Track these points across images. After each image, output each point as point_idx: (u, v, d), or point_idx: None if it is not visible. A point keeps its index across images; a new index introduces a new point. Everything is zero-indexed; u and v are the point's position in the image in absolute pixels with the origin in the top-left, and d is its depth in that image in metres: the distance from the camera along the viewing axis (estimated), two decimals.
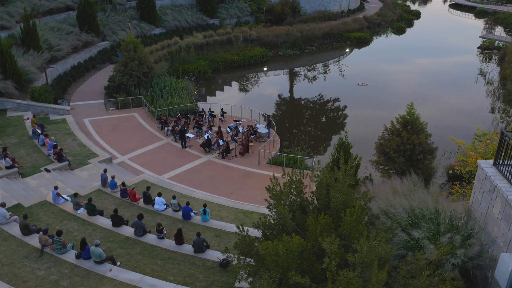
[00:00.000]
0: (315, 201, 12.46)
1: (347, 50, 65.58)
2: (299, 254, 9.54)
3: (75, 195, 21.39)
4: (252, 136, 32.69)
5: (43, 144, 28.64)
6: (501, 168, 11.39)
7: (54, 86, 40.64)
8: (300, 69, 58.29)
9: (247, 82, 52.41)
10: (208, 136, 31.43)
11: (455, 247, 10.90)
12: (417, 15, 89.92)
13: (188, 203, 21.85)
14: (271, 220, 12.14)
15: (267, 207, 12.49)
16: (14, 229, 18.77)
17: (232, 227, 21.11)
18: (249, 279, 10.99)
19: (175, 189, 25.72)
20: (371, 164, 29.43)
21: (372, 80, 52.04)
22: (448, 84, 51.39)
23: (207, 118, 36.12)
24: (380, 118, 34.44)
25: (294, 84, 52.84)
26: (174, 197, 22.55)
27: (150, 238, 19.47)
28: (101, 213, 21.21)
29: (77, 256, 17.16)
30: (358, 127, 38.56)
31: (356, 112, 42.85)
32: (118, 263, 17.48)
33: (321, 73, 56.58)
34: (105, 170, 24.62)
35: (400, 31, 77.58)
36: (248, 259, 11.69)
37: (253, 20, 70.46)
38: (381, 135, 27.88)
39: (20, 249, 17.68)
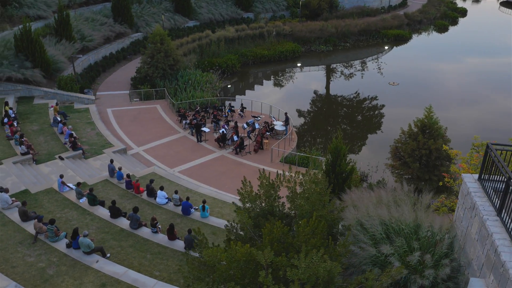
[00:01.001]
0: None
1: (386, 47, 63.47)
2: (244, 264, 9.09)
3: (78, 184, 21.77)
4: (268, 133, 32.20)
5: (62, 132, 29.40)
6: (485, 184, 10.43)
7: (83, 75, 41.70)
8: (336, 65, 57.09)
9: (281, 77, 51.91)
10: (223, 131, 31.24)
11: (427, 266, 10.09)
12: (463, 12, 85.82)
13: (188, 198, 21.75)
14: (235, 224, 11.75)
15: (235, 210, 12.08)
16: (15, 215, 19.31)
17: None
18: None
19: (182, 183, 25.70)
20: (387, 167, 28.34)
21: (406, 79, 50.14)
22: (495, 85, 48.77)
23: (226, 113, 35.94)
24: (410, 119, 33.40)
25: (331, 80, 51.79)
26: (176, 192, 22.51)
27: (145, 232, 19.51)
28: (102, 203, 21.46)
29: (68, 245, 17.42)
30: (393, 125, 37.03)
31: (390, 111, 41.52)
32: (108, 255, 17.60)
33: (358, 70, 55.13)
34: (111, 161, 24.94)
35: (442, 29, 74.28)
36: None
37: (288, 15, 69.59)
38: (398, 138, 26.73)
39: (16, 234, 18.15)
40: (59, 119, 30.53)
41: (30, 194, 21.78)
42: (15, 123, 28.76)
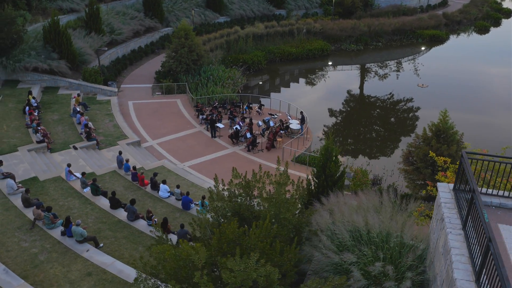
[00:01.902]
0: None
1: (423, 48, 61.45)
2: (184, 263, 8.90)
3: (83, 174, 22.25)
4: (282, 132, 31.84)
5: (79, 123, 30.16)
6: (458, 194, 9.79)
7: (109, 68, 42.65)
8: (370, 65, 55.98)
9: (312, 76, 51.36)
10: (236, 128, 31.16)
11: (388, 278, 9.57)
12: (507, 13, 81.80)
13: (188, 193, 21.80)
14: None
15: (201, 208, 11.94)
16: (18, 201, 19.94)
17: None
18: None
19: (189, 177, 25.83)
20: (400, 172, 27.40)
21: (438, 81, 48.36)
22: None
23: (244, 110, 35.84)
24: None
25: (365, 81, 50.84)
26: (178, 186, 22.64)
27: (141, 224, 19.71)
28: (104, 194, 21.85)
29: (62, 233, 17.83)
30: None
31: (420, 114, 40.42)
32: (101, 245, 17.88)
33: (393, 70, 53.82)
34: (120, 152, 25.37)
35: (483, 30, 71.11)
36: None
37: (321, 12, 68.65)
38: (411, 141, 25.78)
39: (17, 220, 18.76)
40: (78, 109, 31.35)
41: (38, 181, 22.47)
42: (35, 112, 29.75)
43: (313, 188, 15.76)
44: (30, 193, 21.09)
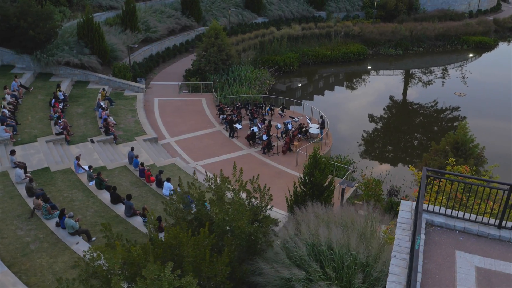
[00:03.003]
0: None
1: (471, 55, 58.58)
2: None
3: (90, 167, 22.73)
4: (299, 135, 31.21)
5: (101, 117, 30.93)
6: (415, 214, 9.00)
7: (141, 65, 43.56)
8: (414, 71, 54.26)
9: (353, 80, 50.43)
10: (253, 129, 30.87)
11: None
12: None
13: (188, 192, 21.70)
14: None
15: (164, 209, 11.72)
16: (24, 190, 20.64)
17: None
18: None
19: (198, 177, 25.71)
20: (416, 184, 26.05)
21: (480, 90, 45.90)
22: None
23: (266, 111, 35.50)
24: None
25: (409, 87, 49.44)
26: (179, 185, 22.59)
27: (137, 221, 19.85)
28: (109, 188, 22.19)
29: (57, 224, 18.25)
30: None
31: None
32: (94, 238, 18.16)
33: (439, 77, 51.86)
34: (132, 149, 25.73)
35: None
36: None
37: (363, 15, 67.00)
38: (428, 153, 24.47)
39: (18, 208, 19.41)
40: (101, 104, 32.17)
41: (49, 172, 23.18)
42: (60, 105, 30.79)
43: (298, 196, 15.20)
44: (38, 183, 21.85)
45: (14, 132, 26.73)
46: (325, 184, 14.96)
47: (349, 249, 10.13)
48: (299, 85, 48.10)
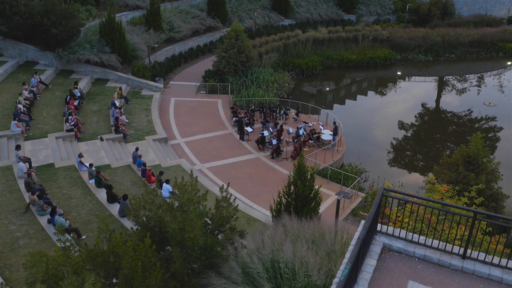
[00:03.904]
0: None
1: (509, 63, 56.02)
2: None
3: (91, 165, 22.88)
4: (310, 141, 30.48)
5: (113, 115, 31.24)
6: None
7: (162, 64, 43.82)
8: (449, 77, 52.67)
9: (383, 86, 49.29)
10: (262, 133, 30.40)
11: None
12: None
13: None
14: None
15: (126, 215, 11.46)
16: (24, 184, 20.97)
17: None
18: None
19: (201, 180, 25.40)
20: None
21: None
22: None
23: (280, 115, 34.94)
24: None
25: (443, 94, 48.04)
26: None
27: (129, 221, 19.73)
28: (107, 187, 22.25)
29: (49, 221, 18.39)
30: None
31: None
32: (83, 237, 18.20)
33: (474, 85, 50.01)
34: (136, 149, 25.78)
35: None
36: None
37: (394, 19, 65.24)
38: (439, 165, 23.27)
39: (15, 202, 19.72)
40: (116, 102, 32.50)
41: (53, 168, 23.53)
42: (75, 102, 31.30)
43: (283, 206, 14.64)
44: (41, 178, 22.20)
45: (27, 127, 27.34)
46: (311, 195, 14.33)
47: (308, 269, 9.52)
48: (327, 89, 47.37)
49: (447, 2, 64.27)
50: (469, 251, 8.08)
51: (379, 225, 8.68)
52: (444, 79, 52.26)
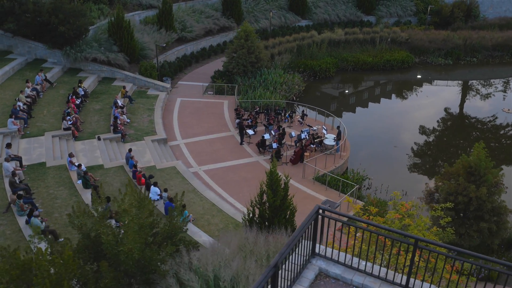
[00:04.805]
0: None
1: None
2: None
3: (79, 166, 22.59)
4: (312, 146, 29.49)
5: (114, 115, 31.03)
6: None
7: (172, 64, 43.53)
8: (474, 82, 50.86)
9: (403, 89, 47.96)
10: (263, 136, 29.62)
11: None
12: None
13: (171, 199, 20.97)
14: None
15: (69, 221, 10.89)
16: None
17: (201, 237, 19.56)
18: None
19: (194, 183, 24.96)
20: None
21: None
22: None
23: (286, 118, 34.07)
24: None
25: (467, 99, 46.45)
26: (165, 190, 21.98)
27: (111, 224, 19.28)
28: (96, 188, 21.91)
29: (26, 222, 18.11)
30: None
31: None
32: (61, 239, 17.80)
33: (499, 90, 48.14)
34: (129, 150, 25.40)
35: None
36: None
37: (415, 21, 63.18)
38: (440, 175, 21.99)
39: None
40: (119, 101, 32.30)
41: (44, 167, 23.38)
42: (77, 101, 31.24)
43: (255, 217, 13.85)
44: (30, 177, 22.06)
45: (25, 125, 27.36)
46: (281, 206, 13.47)
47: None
48: (346, 91, 46.32)
49: (472, 4, 61.82)
50: (412, 280, 7.12)
51: (320, 247, 7.81)
52: (469, 84, 50.33)
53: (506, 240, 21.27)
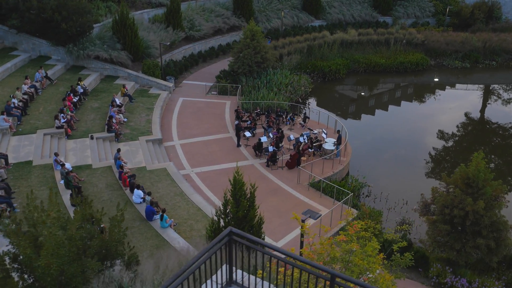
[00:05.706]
0: None
1: None
2: None
3: (62, 165, 22.12)
4: (310, 150, 28.40)
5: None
6: None
7: (178, 63, 42.96)
8: (496, 86, 49.22)
9: (421, 93, 46.47)
10: (259, 139, 28.69)
11: None
12: None
13: (152, 203, 20.28)
14: None
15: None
16: None
17: (180, 242, 18.80)
18: None
19: (182, 186, 24.22)
20: (424, 222, 22.20)
21: None
22: None
23: (287, 120, 33.04)
24: None
25: (489, 104, 44.69)
26: (149, 194, 21.29)
27: None
28: (79, 189, 21.40)
29: None
30: None
31: None
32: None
33: None
34: (118, 150, 24.85)
35: None
36: None
37: (434, 22, 61.10)
38: (436, 186, 20.65)
39: None
40: (117, 100, 31.88)
41: (30, 166, 23.03)
42: (75, 99, 30.92)
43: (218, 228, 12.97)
44: (14, 176, 21.73)
45: (18, 122, 27.14)
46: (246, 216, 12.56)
47: None
48: (362, 94, 45.06)
49: (493, 6, 59.39)
50: None
51: (243, 273, 6.87)
52: (490, 88, 48.35)
53: (508, 258, 19.81)
